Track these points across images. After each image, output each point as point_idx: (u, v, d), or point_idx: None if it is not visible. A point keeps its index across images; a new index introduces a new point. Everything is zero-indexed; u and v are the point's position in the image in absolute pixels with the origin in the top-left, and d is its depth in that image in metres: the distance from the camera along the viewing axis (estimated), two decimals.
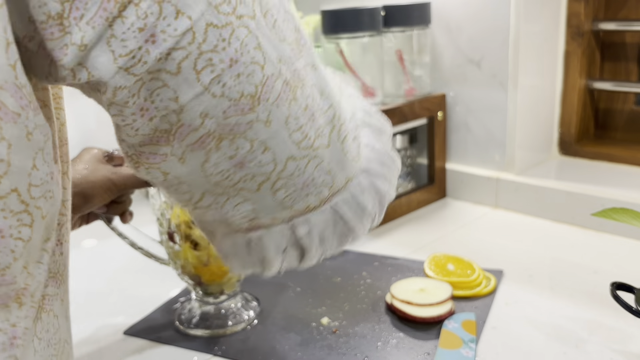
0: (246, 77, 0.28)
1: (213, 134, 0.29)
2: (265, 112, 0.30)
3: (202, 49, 0.27)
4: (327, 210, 0.36)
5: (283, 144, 0.31)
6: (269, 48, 0.29)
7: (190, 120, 0.28)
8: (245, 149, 0.30)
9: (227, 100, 0.28)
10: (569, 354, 0.55)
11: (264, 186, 0.32)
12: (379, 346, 0.58)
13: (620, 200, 0.79)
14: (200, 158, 0.30)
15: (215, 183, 0.32)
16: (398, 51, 0.94)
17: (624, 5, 0.95)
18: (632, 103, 0.98)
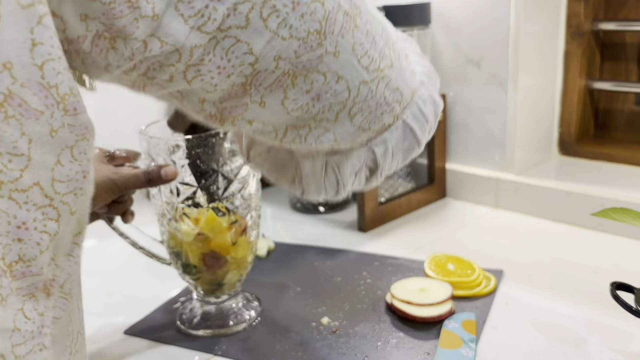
0: (310, 16, 0.30)
1: (287, 72, 0.31)
2: (333, 44, 0.31)
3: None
4: (400, 125, 0.38)
5: (354, 70, 0.33)
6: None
7: (266, 66, 0.30)
8: (320, 82, 0.32)
9: (296, 41, 0.30)
10: (568, 354, 0.55)
11: (341, 114, 0.35)
12: (379, 346, 0.59)
13: (620, 200, 0.79)
14: (279, 97, 0.32)
15: (296, 118, 0.34)
16: None
17: (623, 5, 0.95)
18: (632, 103, 0.99)
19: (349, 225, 0.91)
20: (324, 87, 0.33)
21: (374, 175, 0.42)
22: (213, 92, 0.31)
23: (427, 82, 0.40)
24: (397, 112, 0.37)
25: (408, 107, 0.38)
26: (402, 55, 0.38)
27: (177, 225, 0.60)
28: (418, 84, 0.39)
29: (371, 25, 0.34)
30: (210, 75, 0.30)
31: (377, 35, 0.34)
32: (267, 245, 0.82)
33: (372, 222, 0.89)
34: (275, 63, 0.30)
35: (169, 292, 0.72)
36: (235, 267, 0.62)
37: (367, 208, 0.87)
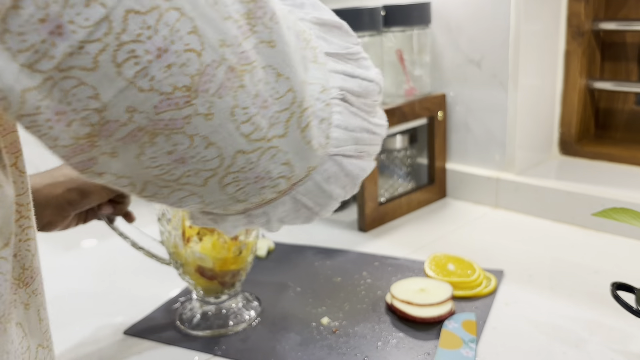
0: (179, 68, 0.25)
1: (145, 128, 0.26)
2: (206, 105, 0.26)
3: (122, 40, 0.23)
4: (287, 200, 0.33)
5: (229, 137, 0.27)
6: (209, 30, 0.25)
7: (116, 116, 0.25)
8: (185, 145, 0.27)
9: (157, 95, 0.25)
10: (569, 354, 0.55)
11: (210, 181, 0.29)
12: (379, 346, 0.58)
13: (621, 200, 0.79)
14: (133, 151, 0.27)
15: (155, 176, 0.28)
16: (398, 51, 0.94)
17: (624, 4, 0.95)
18: (633, 103, 0.98)
19: (349, 225, 0.91)
20: (190, 151, 0.27)
21: (266, 230, 0.37)
22: (54, 147, 0.26)
23: (347, 151, 0.34)
24: (282, 188, 0.32)
25: (300, 183, 0.32)
26: (314, 122, 0.31)
27: (182, 245, 0.60)
28: (324, 158, 0.33)
29: (267, 85, 0.28)
30: (48, 126, 0.24)
31: (272, 98, 0.28)
32: (267, 245, 0.82)
33: (372, 222, 0.89)
34: (128, 115, 0.25)
35: (169, 292, 0.72)
36: (235, 268, 0.62)
37: (367, 208, 0.87)
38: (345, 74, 0.34)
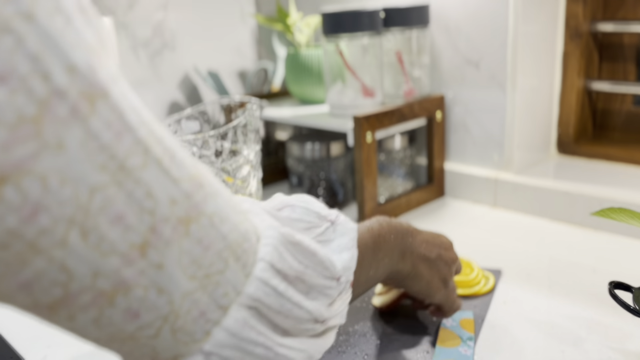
0: (42, 293, 0.25)
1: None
2: (64, 315, 0.27)
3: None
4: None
5: (90, 332, 0.29)
6: (81, 267, 0.26)
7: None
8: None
9: (20, 308, 0.27)
10: (567, 353, 0.56)
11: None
12: (378, 344, 0.59)
13: (618, 199, 0.79)
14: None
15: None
16: (397, 52, 0.94)
17: (621, 5, 0.95)
18: (630, 103, 0.99)
19: None
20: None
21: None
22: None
23: (225, 355, 0.32)
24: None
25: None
26: (191, 326, 0.31)
27: None
28: (195, 352, 0.31)
29: (142, 301, 0.28)
30: None
31: (144, 310, 0.29)
32: None
33: None
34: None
35: None
36: None
37: (367, 208, 0.88)
38: (275, 290, 0.33)
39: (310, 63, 1.02)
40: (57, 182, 0.24)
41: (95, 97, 0.24)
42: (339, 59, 0.90)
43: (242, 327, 0.32)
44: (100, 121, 0.25)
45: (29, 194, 0.23)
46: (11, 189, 0.22)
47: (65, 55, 0.23)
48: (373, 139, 0.85)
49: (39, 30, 0.22)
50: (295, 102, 1.11)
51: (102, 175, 0.25)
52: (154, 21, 1.12)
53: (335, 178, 0.98)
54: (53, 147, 0.23)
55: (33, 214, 0.23)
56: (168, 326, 0.30)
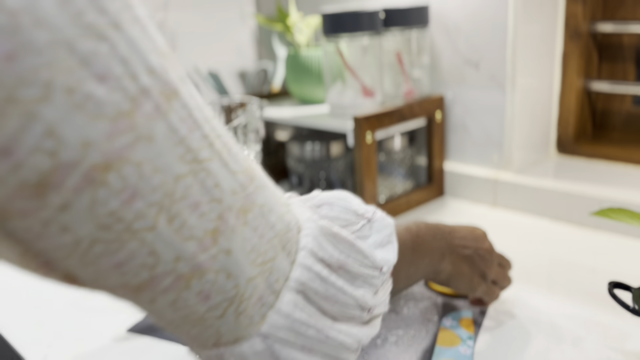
0: (132, 276, 0.28)
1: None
2: (148, 297, 0.30)
3: (87, 254, 0.27)
4: (215, 353, 0.35)
5: (166, 314, 0.31)
6: (166, 251, 0.28)
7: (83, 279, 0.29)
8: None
9: (110, 286, 0.29)
10: (566, 352, 0.56)
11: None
12: (378, 343, 0.59)
13: (618, 199, 0.79)
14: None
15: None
16: (397, 52, 0.94)
17: (621, 6, 0.95)
18: (630, 103, 0.99)
19: None
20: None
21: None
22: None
23: (281, 336, 0.34)
24: (208, 345, 0.34)
25: (225, 347, 0.34)
26: (253, 309, 0.33)
27: None
28: (253, 334, 0.34)
29: (213, 285, 0.31)
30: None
31: (215, 293, 0.31)
32: None
33: None
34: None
35: None
36: None
37: None
38: (318, 275, 0.36)
39: (310, 63, 1.03)
40: (150, 170, 0.26)
41: (170, 96, 0.27)
42: (338, 59, 0.90)
43: (294, 309, 0.35)
44: (176, 117, 0.28)
45: (128, 179, 0.26)
46: (114, 175, 0.25)
47: (145, 59, 0.26)
48: (373, 139, 0.85)
49: (126, 37, 0.25)
50: (295, 102, 1.11)
51: (182, 166, 0.28)
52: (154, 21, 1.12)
53: (335, 178, 0.98)
54: (145, 138, 0.26)
55: (131, 198, 0.26)
56: (233, 309, 0.32)
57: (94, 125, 0.24)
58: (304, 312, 0.35)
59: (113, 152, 0.25)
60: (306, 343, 0.36)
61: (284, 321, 0.34)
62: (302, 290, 0.35)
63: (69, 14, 0.23)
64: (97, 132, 0.24)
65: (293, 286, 0.35)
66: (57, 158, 0.24)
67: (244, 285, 0.32)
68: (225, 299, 0.32)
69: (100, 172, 0.25)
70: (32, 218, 0.24)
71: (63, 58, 0.23)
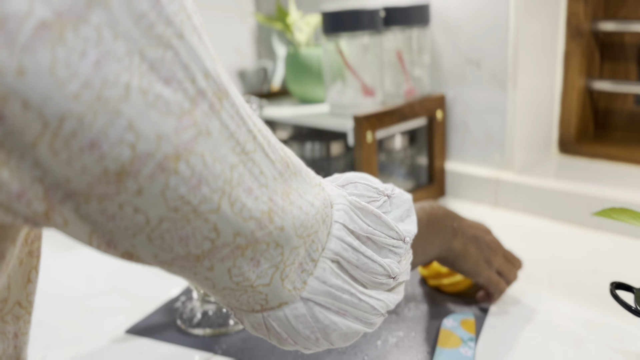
0: (195, 247, 0.32)
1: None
2: (207, 265, 0.33)
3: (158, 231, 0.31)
4: (260, 319, 0.39)
5: (222, 281, 0.35)
6: (227, 228, 0.32)
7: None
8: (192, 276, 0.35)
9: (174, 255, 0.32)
10: (568, 353, 0.55)
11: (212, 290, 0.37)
12: (378, 345, 0.59)
13: (620, 199, 0.79)
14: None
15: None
16: (398, 51, 0.94)
17: (623, 5, 0.95)
18: (632, 102, 0.99)
19: None
20: (201, 273, 0.34)
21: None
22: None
23: (319, 300, 0.39)
24: (256, 309, 0.38)
25: (271, 310, 0.38)
26: (295, 274, 0.37)
27: None
28: (296, 299, 0.38)
29: (263, 253, 0.35)
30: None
31: (264, 259, 0.35)
32: None
33: None
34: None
35: (170, 291, 0.72)
36: None
37: None
38: (350, 245, 0.40)
39: (310, 62, 1.02)
40: (211, 160, 0.30)
41: (222, 96, 0.31)
42: (339, 58, 0.90)
43: (330, 275, 0.39)
44: (227, 115, 0.31)
45: (195, 168, 0.29)
46: (184, 165, 0.29)
47: (202, 64, 0.30)
48: (373, 138, 0.85)
49: (187, 46, 0.29)
50: (295, 101, 1.11)
51: (235, 157, 0.32)
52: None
53: None
54: (204, 133, 0.30)
55: (198, 185, 0.30)
56: (278, 274, 0.36)
57: (165, 121, 0.28)
58: (339, 278, 0.39)
59: (181, 145, 0.28)
60: (341, 307, 0.39)
61: (322, 287, 0.38)
62: (336, 259, 0.39)
63: (142, 27, 0.27)
64: (167, 127, 0.28)
65: (329, 255, 0.39)
66: (136, 149, 0.27)
67: (288, 253, 0.36)
68: (272, 265, 0.36)
69: (172, 161, 0.28)
70: (110, 201, 0.28)
71: (137, 64, 0.27)
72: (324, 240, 0.39)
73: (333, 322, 0.39)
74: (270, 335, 0.40)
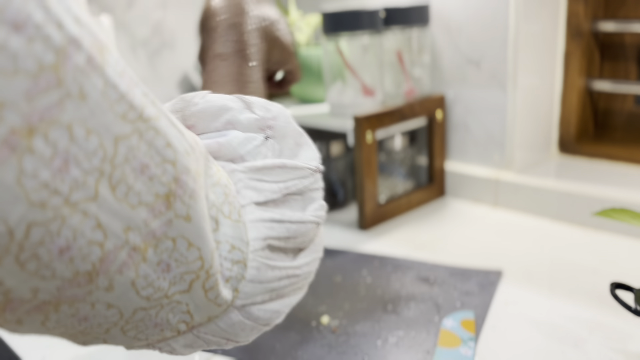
0: (81, 260, 0.25)
1: (49, 302, 0.26)
2: (106, 281, 0.26)
3: (24, 246, 0.23)
4: (190, 336, 0.33)
5: (130, 301, 0.28)
6: (114, 222, 0.25)
7: (20, 296, 0.25)
8: (87, 309, 0.27)
9: (59, 280, 0.25)
10: (567, 353, 0.55)
11: (112, 330, 0.30)
12: (378, 345, 0.59)
13: (620, 199, 0.79)
14: (38, 318, 0.27)
15: (60, 332, 0.29)
16: (398, 51, 0.94)
17: (623, 5, 0.95)
18: (632, 103, 0.99)
19: (349, 224, 0.91)
20: (92, 312, 0.28)
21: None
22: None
23: (256, 300, 0.33)
24: (182, 329, 0.32)
25: (201, 326, 0.32)
26: (221, 283, 0.31)
27: None
28: (227, 310, 0.32)
29: (171, 254, 0.28)
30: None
31: (176, 263, 0.29)
32: None
33: (372, 221, 0.89)
34: (31, 294, 0.25)
35: None
36: None
37: (367, 207, 0.87)
38: (272, 220, 0.34)
39: (310, 62, 1.02)
40: (83, 132, 0.23)
41: (102, 49, 0.24)
42: (339, 58, 0.90)
43: (265, 270, 0.33)
44: (114, 71, 0.25)
45: (58, 144, 0.23)
46: (40, 141, 0.22)
47: (68, 7, 0.23)
48: (373, 138, 0.85)
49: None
50: (295, 101, 1.11)
51: (125, 125, 0.25)
52: (153, 20, 1.12)
53: (335, 178, 0.97)
54: (75, 96, 0.23)
55: (64, 166, 0.23)
56: (200, 283, 0.30)
57: (10, 83, 0.21)
58: (275, 269, 0.34)
59: (36, 114, 0.22)
60: (280, 292, 0.35)
61: (258, 287, 0.33)
62: (266, 245, 0.33)
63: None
64: (13, 90, 0.21)
65: (257, 246, 0.33)
66: None
67: (210, 257, 0.30)
68: (189, 271, 0.29)
69: (23, 137, 0.21)
70: None
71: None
72: (241, 233, 0.32)
73: (275, 312, 0.35)
74: (210, 345, 0.35)
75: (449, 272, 0.73)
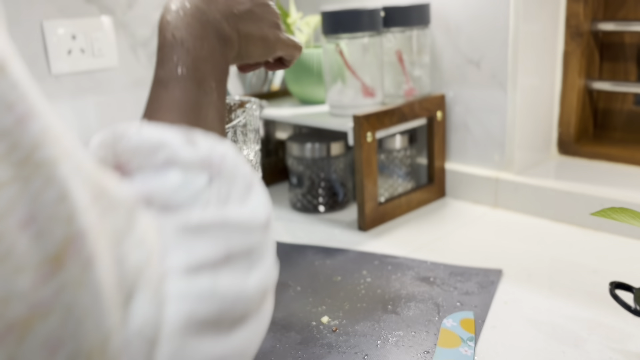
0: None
1: None
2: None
3: None
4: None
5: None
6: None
7: None
8: None
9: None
10: (567, 353, 0.55)
11: None
12: (378, 344, 0.59)
13: (619, 199, 0.79)
14: None
15: None
16: (398, 51, 0.94)
17: (622, 5, 0.95)
18: (631, 103, 0.99)
19: (349, 224, 0.91)
20: None
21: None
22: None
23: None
24: None
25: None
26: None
27: None
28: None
29: (56, 329, 0.22)
30: None
31: (63, 340, 0.22)
32: None
33: (372, 221, 0.89)
34: None
35: None
36: None
37: (367, 208, 0.87)
38: (201, 295, 0.28)
39: (310, 63, 1.02)
40: None
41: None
42: (339, 58, 0.90)
43: (182, 355, 0.27)
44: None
45: None
46: None
47: None
48: (373, 138, 0.85)
49: None
50: (295, 101, 1.11)
51: (6, 169, 0.20)
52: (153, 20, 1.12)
53: (335, 178, 0.98)
54: None
55: None
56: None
57: None
58: (197, 351, 0.27)
59: None
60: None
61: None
62: (187, 324, 0.27)
63: None
64: None
65: (176, 326, 0.26)
66: None
67: (107, 335, 0.23)
68: (80, 351, 0.23)
69: None
70: None
71: None
72: (153, 311, 0.26)
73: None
74: None
75: (449, 271, 0.73)
